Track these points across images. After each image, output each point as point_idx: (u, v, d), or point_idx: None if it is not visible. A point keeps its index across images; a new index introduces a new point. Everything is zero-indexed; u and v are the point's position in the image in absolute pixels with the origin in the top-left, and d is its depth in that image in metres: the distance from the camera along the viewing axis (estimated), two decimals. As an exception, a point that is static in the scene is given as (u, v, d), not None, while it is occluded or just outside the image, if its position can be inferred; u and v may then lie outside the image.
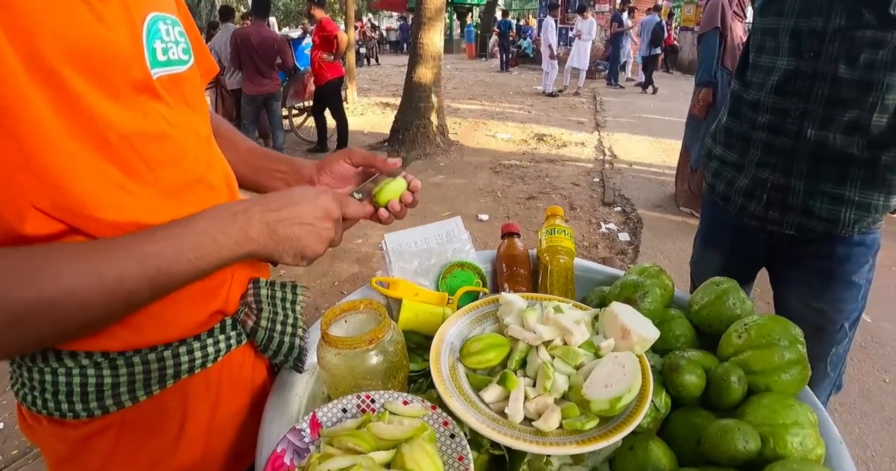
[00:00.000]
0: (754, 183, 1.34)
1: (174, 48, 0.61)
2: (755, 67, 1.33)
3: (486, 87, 12.49)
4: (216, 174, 0.67)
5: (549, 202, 4.63)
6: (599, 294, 0.95)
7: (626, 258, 3.57)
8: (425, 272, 0.93)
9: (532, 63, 17.15)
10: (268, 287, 0.73)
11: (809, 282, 1.37)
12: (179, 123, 0.60)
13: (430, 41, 6.23)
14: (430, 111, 6.43)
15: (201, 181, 0.63)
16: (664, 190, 4.94)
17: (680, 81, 13.56)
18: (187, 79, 0.64)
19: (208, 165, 0.65)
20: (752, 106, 1.33)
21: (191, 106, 0.64)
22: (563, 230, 1.00)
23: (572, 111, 9.35)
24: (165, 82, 0.59)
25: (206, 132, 0.68)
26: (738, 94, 1.39)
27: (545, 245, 0.99)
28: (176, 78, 0.61)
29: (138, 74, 0.55)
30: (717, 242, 1.58)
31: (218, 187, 0.66)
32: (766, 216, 1.33)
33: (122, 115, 0.53)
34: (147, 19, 0.57)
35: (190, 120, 0.63)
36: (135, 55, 0.54)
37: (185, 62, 0.63)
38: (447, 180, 5.36)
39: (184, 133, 0.61)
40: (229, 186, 0.70)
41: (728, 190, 1.41)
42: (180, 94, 0.62)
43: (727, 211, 1.44)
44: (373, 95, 10.99)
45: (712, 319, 0.88)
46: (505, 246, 1.02)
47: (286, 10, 28.53)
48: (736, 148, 1.39)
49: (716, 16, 3.52)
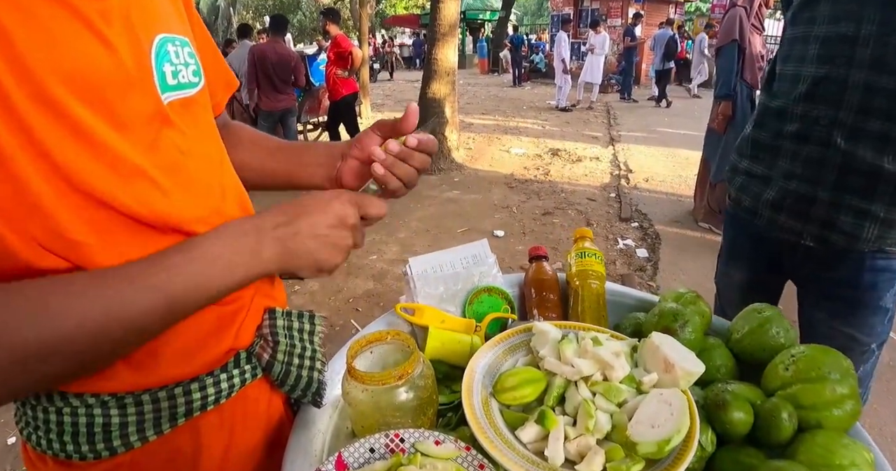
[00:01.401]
0: (782, 194, 1.30)
1: (184, 70, 0.58)
2: (782, 77, 1.31)
3: (499, 101, 12.52)
4: (230, 202, 0.64)
5: (564, 218, 4.59)
6: (633, 322, 0.91)
7: (644, 275, 3.51)
8: (451, 298, 0.90)
9: (544, 78, 17.18)
10: (284, 318, 0.70)
11: (836, 307, 1.33)
12: (192, 150, 0.58)
13: (444, 57, 6.25)
14: (445, 127, 6.43)
15: (217, 214, 0.60)
16: (681, 205, 4.88)
17: (694, 95, 13.52)
18: (198, 102, 0.61)
19: (222, 193, 0.63)
20: (778, 115, 1.30)
21: (202, 130, 0.62)
22: (593, 253, 0.97)
23: (586, 126, 9.33)
24: (177, 107, 0.56)
25: (218, 156, 0.65)
26: (765, 104, 1.36)
27: (575, 269, 0.96)
28: (187, 102, 0.59)
29: (148, 101, 0.52)
30: (741, 257, 1.55)
31: (232, 216, 0.63)
32: (792, 227, 1.30)
33: (131, 146, 0.50)
34: (155, 41, 0.54)
35: (202, 145, 0.61)
36: (144, 80, 0.52)
37: (196, 85, 0.61)
38: (462, 196, 5.34)
39: (196, 160, 0.58)
40: (244, 212, 0.67)
41: (755, 203, 1.37)
42: (192, 119, 0.59)
43: (752, 225, 1.40)
44: (386, 110, 11.05)
45: (755, 348, 0.83)
46: (533, 270, 0.98)
47: (301, 27, 28.97)
48: (763, 160, 1.36)
49: (733, 29, 3.49)
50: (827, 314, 1.35)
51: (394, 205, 3.52)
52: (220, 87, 0.75)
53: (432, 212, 4.88)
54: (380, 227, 4.49)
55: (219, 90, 0.74)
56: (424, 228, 4.49)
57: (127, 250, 0.50)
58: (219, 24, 24.15)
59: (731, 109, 3.85)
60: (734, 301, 1.63)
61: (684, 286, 2.98)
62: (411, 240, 4.24)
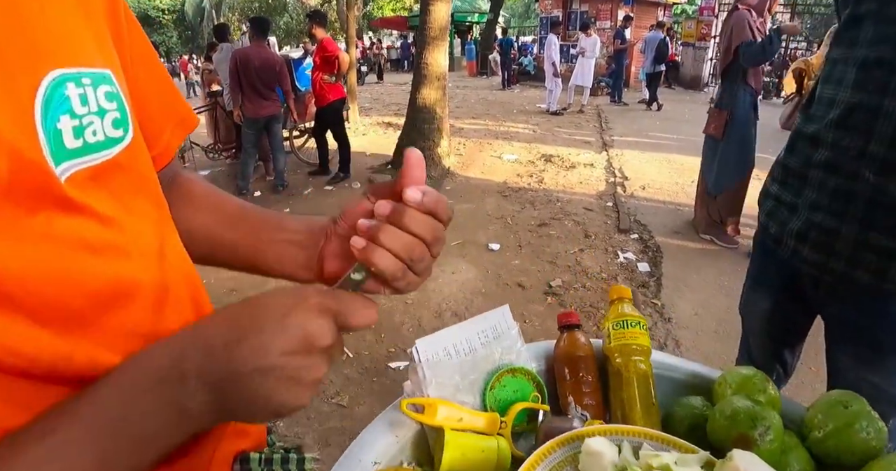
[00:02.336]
0: (807, 225, 1.19)
1: (97, 123, 0.39)
2: (819, 100, 1.20)
3: (489, 105, 12.37)
4: (174, 308, 0.46)
5: (562, 229, 4.44)
6: (690, 412, 0.75)
7: (648, 292, 3.36)
8: (469, 387, 0.73)
9: (533, 80, 17.07)
10: (262, 465, 0.52)
11: (860, 351, 1.22)
12: (112, 241, 0.40)
13: (434, 61, 6.08)
14: (436, 133, 6.27)
15: (152, 335, 0.42)
16: (680, 215, 4.74)
17: (682, 97, 13.49)
18: (122, 164, 0.42)
19: (158, 299, 0.44)
20: (810, 141, 1.20)
21: (129, 206, 0.43)
22: (636, 322, 0.80)
23: (578, 130, 9.20)
24: (83, 180, 0.38)
25: (156, 241, 0.46)
26: (799, 128, 1.25)
27: (615, 343, 0.79)
28: (103, 169, 0.40)
29: (31, 179, 0.34)
30: (767, 285, 1.45)
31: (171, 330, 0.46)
32: (815, 261, 1.19)
33: (8, 253, 0.33)
34: (43, 84, 0.36)
35: (130, 230, 0.42)
36: (22, 148, 0.34)
37: (118, 140, 0.42)
38: (454, 205, 5.14)
39: (119, 258, 0.40)
40: (197, 316, 0.49)
41: (781, 231, 1.26)
42: (111, 192, 0.41)
43: (777, 254, 1.30)
44: (374, 115, 10.86)
45: (841, 451, 0.67)
46: (565, 344, 0.81)
47: (287, 30, 28.66)
48: (792, 187, 1.25)
49: (745, 28, 3.40)
50: (852, 360, 1.25)
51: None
52: (169, 128, 0.57)
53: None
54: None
55: (167, 132, 0.56)
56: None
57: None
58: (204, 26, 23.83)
59: (728, 116, 3.73)
60: (757, 332, 1.53)
61: (691, 305, 2.82)
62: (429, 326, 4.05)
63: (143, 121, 0.51)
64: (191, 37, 30.98)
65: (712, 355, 2.76)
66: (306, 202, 5.43)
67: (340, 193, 5.69)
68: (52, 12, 0.38)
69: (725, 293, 3.36)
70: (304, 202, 5.43)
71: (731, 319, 3.07)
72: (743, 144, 3.77)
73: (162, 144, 0.56)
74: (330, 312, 0.40)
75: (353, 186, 5.87)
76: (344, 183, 5.97)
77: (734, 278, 3.53)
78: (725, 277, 3.57)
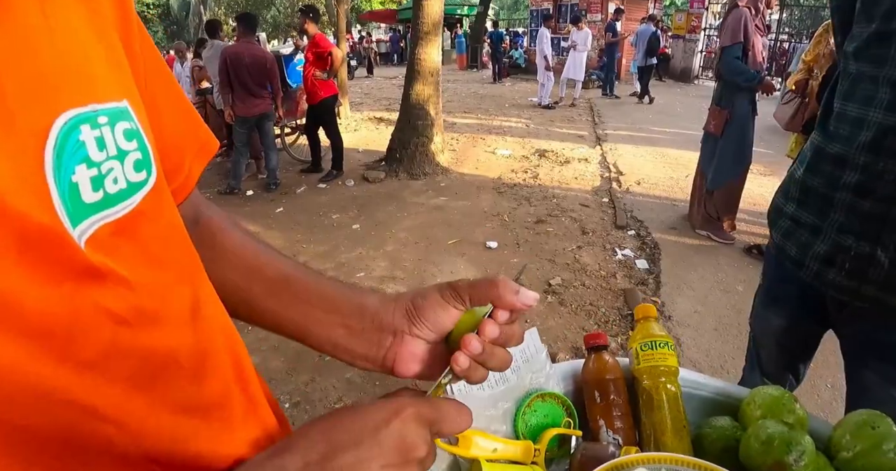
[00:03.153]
0: (835, 250, 1.14)
1: (117, 169, 0.33)
2: (841, 117, 1.14)
3: (481, 99, 12.32)
4: (214, 378, 0.43)
5: (559, 226, 4.44)
6: (722, 434, 0.74)
7: (647, 290, 3.37)
8: (503, 417, 0.71)
9: (524, 73, 17.03)
10: None
11: (887, 369, 1.19)
12: (141, 307, 0.35)
13: (427, 56, 6.04)
14: (429, 129, 6.23)
15: (194, 408, 0.39)
16: (676, 210, 4.76)
17: (673, 89, 13.51)
18: (147, 214, 0.36)
19: (198, 372, 0.41)
20: (836, 161, 1.14)
21: (158, 260, 0.38)
22: (664, 342, 0.79)
23: (571, 124, 9.19)
24: (105, 239, 0.33)
25: (189, 298, 0.41)
26: (820, 146, 1.19)
27: (643, 365, 0.78)
28: (127, 222, 0.34)
29: (45, 248, 0.29)
30: (783, 304, 1.41)
31: (219, 406, 0.42)
32: (845, 286, 1.15)
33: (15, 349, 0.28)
34: (55, 129, 0.30)
35: (160, 290, 0.38)
36: (31, 212, 0.28)
37: (141, 185, 0.36)
38: (450, 203, 5.15)
39: (151, 327, 0.36)
40: (244, 393, 0.46)
41: (802, 254, 1.22)
42: (137, 248, 0.36)
43: (797, 275, 1.25)
44: (366, 110, 10.78)
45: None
46: (594, 366, 0.80)
47: (275, 23, 28.35)
48: (813, 208, 1.20)
49: (739, 30, 3.38)
50: (880, 377, 1.21)
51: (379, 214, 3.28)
52: (189, 156, 0.51)
53: (420, 221, 4.69)
54: (366, 240, 4.29)
55: (187, 160, 0.50)
56: (413, 239, 4.29)
57: None
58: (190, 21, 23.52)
59: (728, 115, 3.74)
60: (769, 346, 1.51)
61: (690, 302, 2.82)
62: (400, 253, 4.04)
63: (164, 148, 0.45)
64: (176, 32, 30.56)
65: (713, 353, 2.77)
66: (299, 200, 5.38)
67: (334, 190, 5.65)
68: (61, 36, 0.32)
69: (724, 290, 3.38)
70: (297, 200, 5.39)
71: (730, 316, 3.09)
72: (741, 141, 3.79)
73: (182, 174, 0.50)
74: (426, 421, 0.38)
75: (347, 184, 5.83)
76: (337, 180, 5.93)
77: (732, 275, 3.56)
78: (723, 273, 3.58)
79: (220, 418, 0.44)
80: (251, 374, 0.51)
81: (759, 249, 3.73)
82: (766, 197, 4.87)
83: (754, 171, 4.42)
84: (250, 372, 0.51)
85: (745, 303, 3.15)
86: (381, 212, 4.91)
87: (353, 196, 5.43)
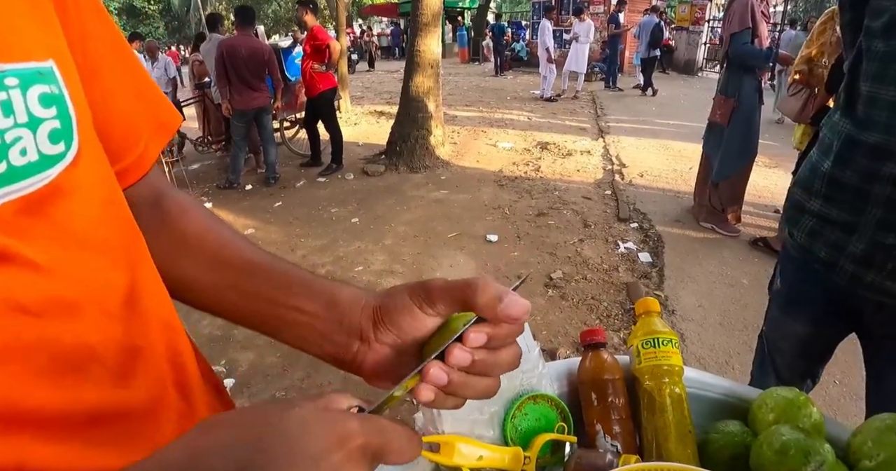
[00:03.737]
0: (873, 248, 1.06)
1: (26, 138, 0.30)
2: (873, 102, 1.04)
3: (482, 92, 12.22)
4: (147, 378, 0.37)
5: (560, 219, 4.37)
6: (731, 441, 0.67)
7: (650, 284, 3.30)
8: (489, 422, 0.65)
9: (526, 66, 16.89)
10: None
11: None
12: (55, 296, 0.31)
13: (427, 48, 5.96)
14: (429, 121, 6.16)
15: (115, 414, 0.34)
16: (680, 203, 4.68)
17: (677, 81, 13.39)
18: (66, 190, 0.33)
19: (123, 371, 0.36)
20: (872, 151, 1.04)
21: (82, 242, 0.34)
22: (668, 340, 0.73)
23: (573, 116, 9.10)
24: (11, 217, 0.29)
25: (123, 286, 0.37)
26: (850, 135, 1.08)
27: (645, 364, 0.72)
28: (39, 199, 0.31)
29: None
30: (807, 309, 1.31)
31: (148, 411, 0.37)
32: (887, 288, 1.06)
33: None
34: None
35: (83, 276, 0.33)
36: None
37: (58, 158, 0.32)
38: (450, 196, 5.08)
39: (65, 319, 0.32)
40: (184, 398, 0.41)
41: (834, 255, 1.13)
42: (53, 228, 0.32)
43: (826, 278, 1.16)
44: (366, 104, 10.71)
45: None
46: (591, 365, 0.74)
47: (275, 18, 28.25)
48: (844, 204, 1.11)
49: (746, 15, 3.31)
50: None
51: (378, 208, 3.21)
52: (147, 133, 0.47)
53: (420, 215, 4.62)
54: (365, 233, 4.23)
55: (144, 137, 0.46)
56: (412, 233, 4.23)
57: None
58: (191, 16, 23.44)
59: (735, 103, 3.66)
60: (788, 353, 1.41)
61: (694, 296, 2.76)
62: (399, 247, 3.97)
63: (112, 123, 0.42)
64: (177, 27, 30.48)
65: (717, 348, 2.70)
66: (298, 194, 5.33)
67: (333, 184, 5.59)
68: None
69: (728, 284, 3.31)
70: (296, 194, 5.33)
71: (734, 310, 3.03)
72: (747, 131, 3.71)
73: (136, 152, 0.46)
74: (371, 452, 0.31)
75: (347, 177, 5.76)
76: (336, 174, 5.87)
77: (736, 268, 3.48)
78: (728, 266, 3.51)
79: (148, 423, 0.38)
80: (194, 376, 0.45)
81: (764, 242, 3.66)
82: (770, 189, 4.79)
83: (759, 163, 4.35)
84: (193, 374, 0.45)
85: (751, 297, 3.11)
86: (380, 206, 4.85)
87: (352, 190, 5.37)
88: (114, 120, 0.43)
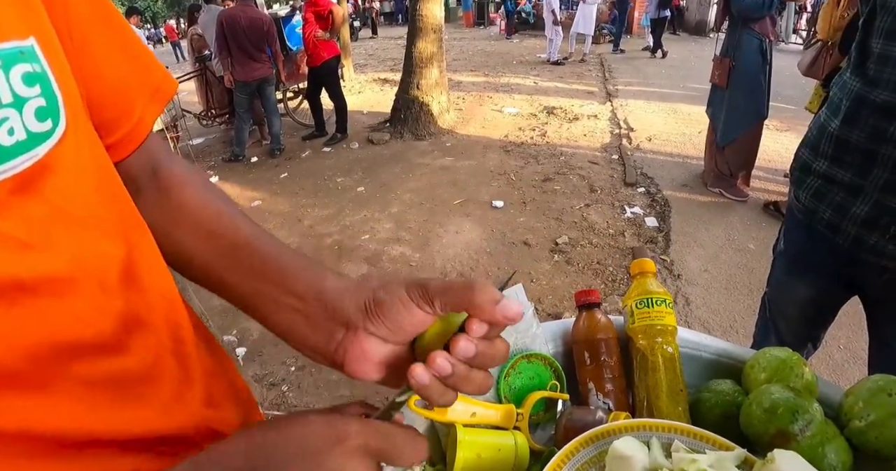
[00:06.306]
0: (878, 211, 1.04)
1: (13, 118, 0.30)
2: (885, 59, 1.01)
3: (488, 56, 12.00)
4: (148, 354, 0.39)
5: (566, 184, 4.34)
6: (722, 399, 0.68)
7: (656, 248, 3.30)
8: (483, 381, 0.67)
9: (533, 29, 16.52)
10: None
11: None
12: (49, 275, 0.32)
13: (429, 12, 5.83)
14: (434, 88, 6.07)
15: (120, 383, 0.35)
16: (688, 167, 4.62)
17: (688, 43, 13.04)
18: (55, 167, 0.33)
19: (122, 345, 0.37)
20: (882, 111, 1.01)
21: (74, 219, 0.35)
22: (662, 300, 0.73)
23: (580, 80, 8.93)
24: (3, 197, 0.30)
25: (118, 261, 0.37)
26: (860, 94, 1.05)
27: (638, 323, 0.72)
28: (28, 178, 0.31)
29: None
30: (811, 272, 1.30)
31: (146, 379, 0.38)
32: (889, 252, 1.06)
33: None
34: None
35: (77, 254, 0.34)
36: None
37: (46, 136, 0.32)
38: (456, 163, 5.05)
39: (60, 297, 0.33)
40: (182, 367, 0.42)
41: (838, 217, 1.12)
42: (44, 207, 0.32)
43: (830, 241, 1.16)
44: (370, 71, 10.56)
45: (884, 443, 0.61)
46: (585, 325, 0.75)
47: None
48: (851, 165, 1.09)
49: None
50: None
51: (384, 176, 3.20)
52: (141, 101, 0.46)
53: (425, 182, 4.61)
54: (371, 202, 4.23)
55: (139, 105, 0.46)
56: (418, 200, 4.23)
57: None
58: (188, -16, 22.92)
59: (731, 62, 3.57)
60: (791, 316, 1.41)
61: (700, 261, 2.74)
62: (405, 215, 3.98)
63: (105, 93, 0.42)
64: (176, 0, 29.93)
65: (722, 312, 2.72)
66: (304, 165, 5.32)
67: (338, 154, 5.57)
68: None
69: (735, 248, 3.29)
70: (301, 165, 5.32)
71: (740, 274, 3.02)
72: (751, 93, 3.61)
73: (132, 121, 0.46)
74: (373, 453, 0.32)
75: (352, 147, 5.73)
76: (342, 144, 5.84)
77: (743, 233, 3.46)
78: (735, 231, 3.49)
79: (145, 392, 0.40)
80: (190, 346, 0.46)
81: (776, 206, 3.61)
82: (781, 154, 4.71)
83: (770, 126, 4.27)
84: (190, 344, 0.46)
85: (757, 262, 3.10)
86: (386, 174, 4.84)
87: (357, 159, 5.35)
88: (106, 90, 0.43)
